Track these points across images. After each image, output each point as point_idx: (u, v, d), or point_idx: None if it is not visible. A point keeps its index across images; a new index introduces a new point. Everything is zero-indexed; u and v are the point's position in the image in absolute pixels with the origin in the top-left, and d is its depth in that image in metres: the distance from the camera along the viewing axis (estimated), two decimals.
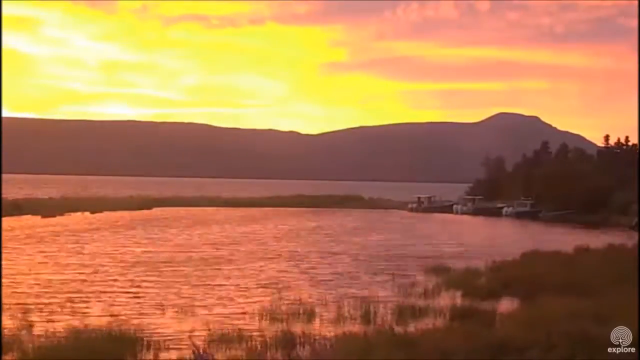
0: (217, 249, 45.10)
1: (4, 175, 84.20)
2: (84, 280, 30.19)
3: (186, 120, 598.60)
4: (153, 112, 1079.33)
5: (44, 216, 71.10)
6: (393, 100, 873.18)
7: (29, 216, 71.05)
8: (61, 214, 74.61)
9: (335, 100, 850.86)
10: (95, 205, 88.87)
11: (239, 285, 30.01)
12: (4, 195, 74.44)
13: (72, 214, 78.08)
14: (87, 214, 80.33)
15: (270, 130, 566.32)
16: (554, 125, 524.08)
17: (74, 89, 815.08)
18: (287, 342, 18.40)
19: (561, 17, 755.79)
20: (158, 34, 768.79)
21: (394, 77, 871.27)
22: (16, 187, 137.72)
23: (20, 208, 75.20)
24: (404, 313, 23.24)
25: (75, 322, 20.86)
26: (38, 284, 28.88)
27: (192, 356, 16.71)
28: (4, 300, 23.24)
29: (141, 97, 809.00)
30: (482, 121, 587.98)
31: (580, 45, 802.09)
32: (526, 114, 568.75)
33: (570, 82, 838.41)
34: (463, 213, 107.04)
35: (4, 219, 57.35)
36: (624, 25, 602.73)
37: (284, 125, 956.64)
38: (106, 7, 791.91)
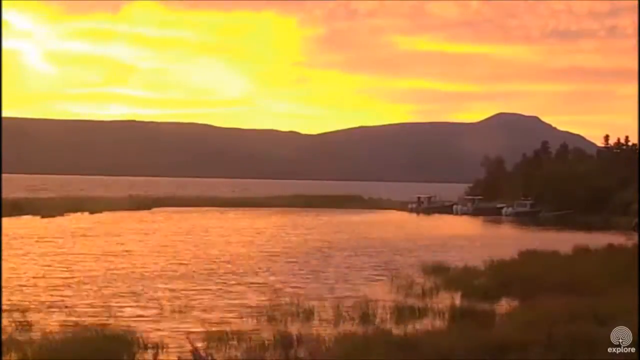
0: (219, 249, 45.11)
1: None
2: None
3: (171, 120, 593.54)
4: (131, 112, 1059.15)
5: (44, 216, 71.00)
6: (392, 99, 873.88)
7: (29, 216, 70.96)
8: (61, 214, 74.51)
9: (334, 100, 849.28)
10: (96, 205, 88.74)
11: (238, 285, 29.98)
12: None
13: (72, 214, 78.00)
14: (86, 214, 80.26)
15: (270, 130, 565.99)
16: (554, 125, 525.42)
17: (32, 87, 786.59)
18: (286, 342, 18.37)
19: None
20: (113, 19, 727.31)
21: (393, 76, 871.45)
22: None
23: (20, 208, 75.10)
24: (402, 313, 23.20)
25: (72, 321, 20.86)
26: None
27: (191, 356, 16.71)
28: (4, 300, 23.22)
29: (108, 95, 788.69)
30: (482, 121, 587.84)
31: (582, 42, 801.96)
32: (526, 114, 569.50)
33: (570, 82, 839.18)
34: (463, 213, 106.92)
35: (4, 219, 57.29)
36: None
37: (283, 125, 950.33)
38: None
